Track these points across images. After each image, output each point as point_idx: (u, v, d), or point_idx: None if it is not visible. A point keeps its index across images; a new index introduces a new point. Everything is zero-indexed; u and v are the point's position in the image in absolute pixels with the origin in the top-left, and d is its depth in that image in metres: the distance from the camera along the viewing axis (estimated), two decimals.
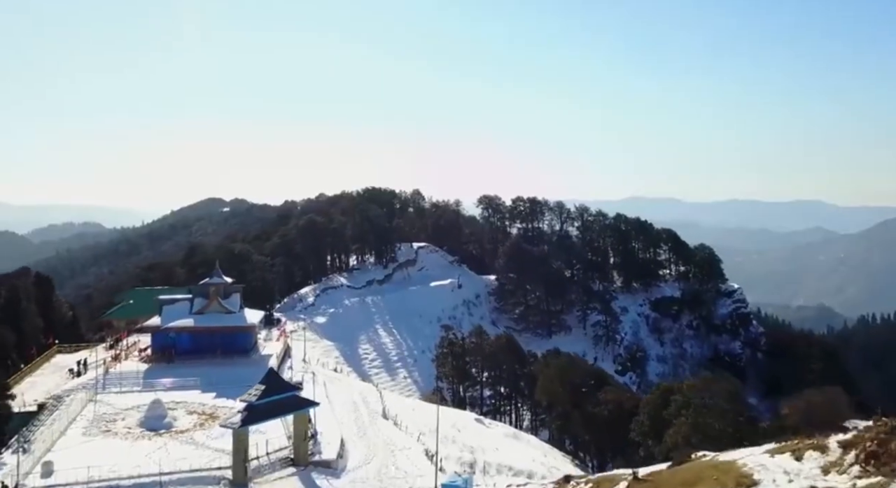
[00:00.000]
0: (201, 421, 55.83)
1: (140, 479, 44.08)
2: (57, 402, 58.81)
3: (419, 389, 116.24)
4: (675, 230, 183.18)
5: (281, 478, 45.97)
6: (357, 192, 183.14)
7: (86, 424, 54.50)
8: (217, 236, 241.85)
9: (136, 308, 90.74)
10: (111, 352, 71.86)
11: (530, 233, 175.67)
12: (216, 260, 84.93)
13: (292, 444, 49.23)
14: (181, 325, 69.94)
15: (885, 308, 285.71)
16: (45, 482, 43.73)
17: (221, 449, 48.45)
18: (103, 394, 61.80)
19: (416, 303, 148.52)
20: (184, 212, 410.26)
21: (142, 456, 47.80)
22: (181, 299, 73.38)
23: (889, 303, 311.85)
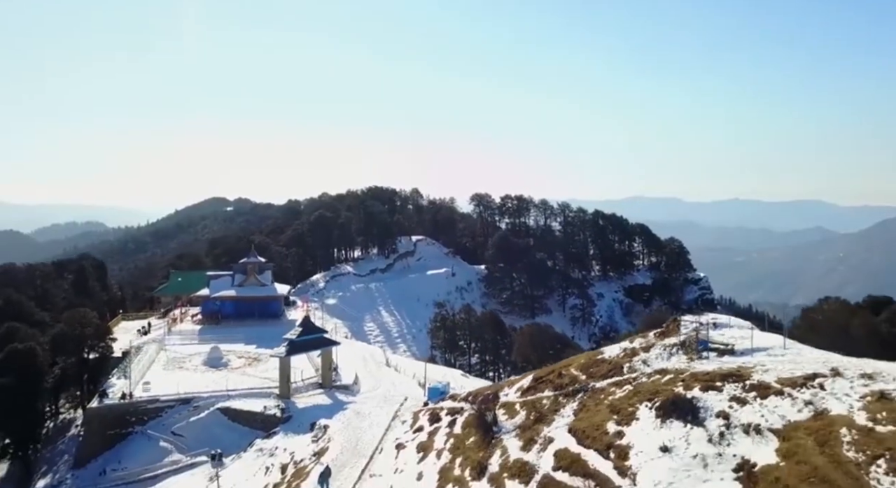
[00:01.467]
0: (248, 362, 72.75)
1: (215, 393, 61.00)
2: (136, 351, 75.59)
3: (416, 359, 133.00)
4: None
5: (313, 395, 62.81)
6: (361, 190, 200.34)
7: (163, 363, 71.39)
8: (223, 234, 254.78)
9: (180, 285, 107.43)
10: (170, 316, 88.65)
11: (517, 227, 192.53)
12: (251, 245, 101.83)
13: (320, 374, 66.06)
14: (226, 295, 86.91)
15: None
16: (147, 395, 60.58)
17: (268, 377, 65.31)
18: (169, 346, 78.63)
19: (414, 288, 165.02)
20: (188, 210, 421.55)
21: (210, 382, 64.68)
22: (224, 275, 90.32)
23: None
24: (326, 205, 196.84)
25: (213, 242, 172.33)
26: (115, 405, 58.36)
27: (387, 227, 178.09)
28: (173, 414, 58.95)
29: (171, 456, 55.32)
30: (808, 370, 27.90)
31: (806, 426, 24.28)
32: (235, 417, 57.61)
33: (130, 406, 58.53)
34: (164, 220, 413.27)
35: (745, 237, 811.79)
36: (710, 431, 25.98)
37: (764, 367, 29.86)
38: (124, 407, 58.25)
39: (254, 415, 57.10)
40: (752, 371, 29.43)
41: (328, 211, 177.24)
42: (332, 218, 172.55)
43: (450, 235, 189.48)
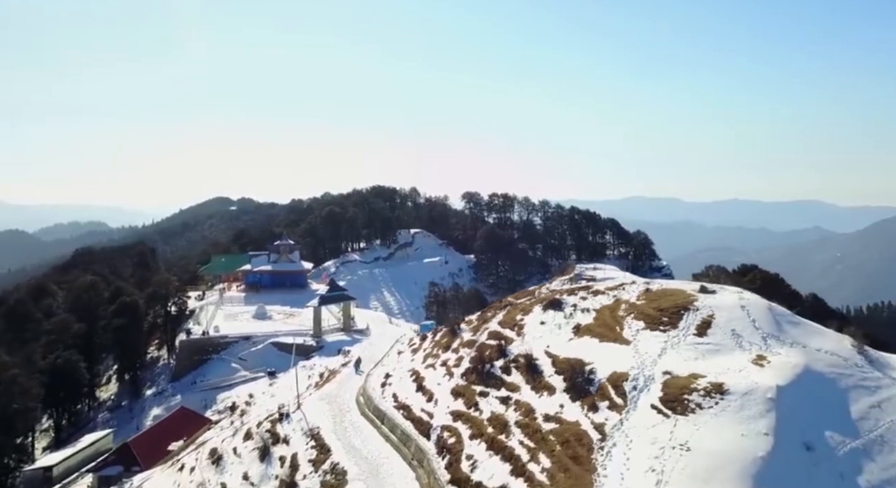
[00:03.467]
0: (286, 316, 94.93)
1: (266, 333, 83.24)
2: (199, 310, 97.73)
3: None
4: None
5: (337, 335, 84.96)
6: (365, 189, 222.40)
7: (223, 317, 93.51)
8: (229, 232, 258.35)
9: (221, 265, 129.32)
10: (221, 286, 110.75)
11: (503, 221, 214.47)
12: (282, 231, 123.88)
13: (341, 322, 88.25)
14: (264, 270, 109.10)
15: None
16: (218, 334, 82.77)
17: (302, 324, 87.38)
18: (223, 307, 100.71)
19: (412, 274, 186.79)
20: (193, 210, 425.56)
21: (261, 327, 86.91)
22: (262, 254, 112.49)
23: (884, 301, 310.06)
24: (335, 202, 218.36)
25: (237, 234, 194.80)
26: (197, 339, 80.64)
27: (388, 222, 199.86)
28: (238, 347, 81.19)
29: (239, 372, 77.54)
30: (618, 281, 50.45)
31: (609, 306, 46.69)
32: (282, 348, 79.65)
33: (208, 340, 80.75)
34: (170, 220, 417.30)
35: (744, 237, 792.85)
36: (566, 312, 48.32)
37: (603, 284, 52.21)
38: (204, 340, 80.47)
39: (296, 346, 79.24)
40: (596, 285, 51.80)
41: (337, 207, 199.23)
42: (340, 213, 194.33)
43: (443, 228, 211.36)
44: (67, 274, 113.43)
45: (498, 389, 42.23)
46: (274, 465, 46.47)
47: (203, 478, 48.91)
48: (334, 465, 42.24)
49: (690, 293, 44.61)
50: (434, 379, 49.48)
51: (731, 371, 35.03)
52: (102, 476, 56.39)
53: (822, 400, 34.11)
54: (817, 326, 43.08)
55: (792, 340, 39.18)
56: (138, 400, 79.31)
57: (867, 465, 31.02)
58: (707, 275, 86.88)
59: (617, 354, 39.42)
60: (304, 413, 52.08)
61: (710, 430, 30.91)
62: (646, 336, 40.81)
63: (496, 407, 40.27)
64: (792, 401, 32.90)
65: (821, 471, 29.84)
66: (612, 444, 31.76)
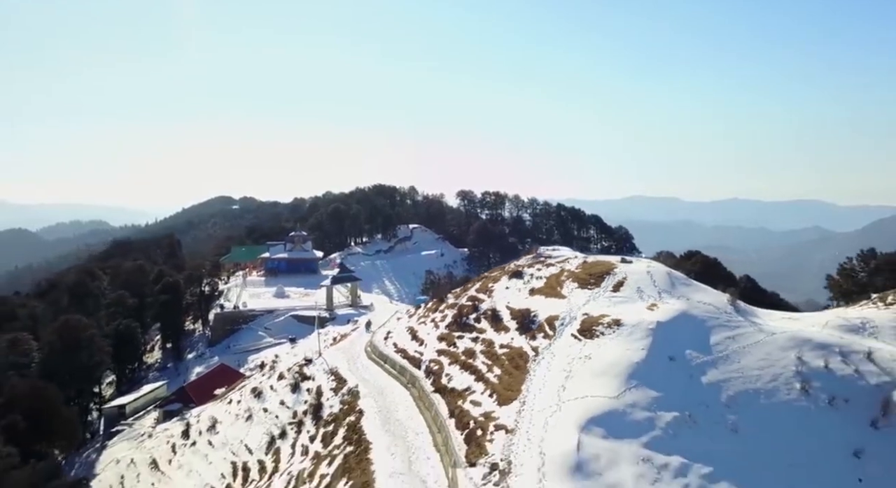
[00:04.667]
0: (301, 296, 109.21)
1: (286, 308, 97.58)
2: (227, 290, 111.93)
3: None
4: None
5: (346, 310, 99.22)
6: (367, 188, 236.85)
7: (248, 297, 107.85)
8: (234, 230, 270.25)
9: (241, 254, 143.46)
10: (244, 272, 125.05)
11: (494, 217, 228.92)
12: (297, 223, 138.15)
13: (349, 299, 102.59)
14: (281, 257, 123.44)
15: None
16: (246, 308, 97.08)
17: (317, 301, 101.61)
18: (247, 288, 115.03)
19: (410, 265, 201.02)
20: (195, 209, 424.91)
21: (282, 303, 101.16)
22: (279, 244, 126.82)
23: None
24: (340, 199, 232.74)
25: (249, 229, 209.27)
26: (229, 312, 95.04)
27: (388, 218, 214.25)
28: (263, 318, 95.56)
29: (265, 339, 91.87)
30: (566, 257, 65.02)
31: (555, 273, 61.07)
32: (301, 319, 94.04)
33: (238, 313, 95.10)
34: (174, 218, 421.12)
35: (744, 236, 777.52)
36: (524, 280, 62.71)
37: (555, 260, 66.63)
38: (235, 313, 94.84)
39: (312, 318, 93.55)
40: (549, 261, 66.25)
41: (342, 204, 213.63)
42: (345, 209, 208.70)
43: (440, 224, 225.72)
44: (107, 262, 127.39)
45: (470, 333, 56.64)
46: (303, 394, 60.79)
47: (248, 406, 63.27)
48: (350, 389, 56.57)
49: (613, 263, 59.08)
50: (425, 331, 63.86)
51: (629, 313, 49.48)
52: (166, 410, 70.65)
53: (690, 332, 48.55)
54: (704, 286, 57.56)
55: (680, 294, 53.69)
56: (181, 363, 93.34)
57: (710, 371, 45.46)
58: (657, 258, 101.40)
59: (555, 305, 53.89)
60: (324, 359, 66.46)
61: (607, 348, 45.38)
62: (577, 292, 55.25)
63: (468, 344, 54.64)
64: (666, 331, 47.36)
65: (676, 373, 44.26)
66: (542, 358, 46.22)
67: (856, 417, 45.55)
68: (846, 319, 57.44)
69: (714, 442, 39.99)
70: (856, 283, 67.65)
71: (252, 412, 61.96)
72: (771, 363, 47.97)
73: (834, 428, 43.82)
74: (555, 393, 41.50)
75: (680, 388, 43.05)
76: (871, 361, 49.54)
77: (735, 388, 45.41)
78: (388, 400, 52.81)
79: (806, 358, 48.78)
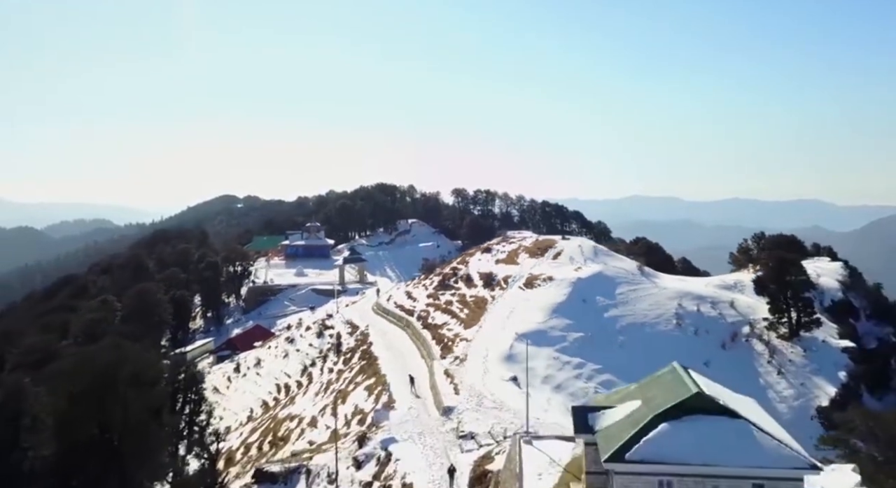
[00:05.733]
0: (317, 275, 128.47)
1: (307, 283, 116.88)
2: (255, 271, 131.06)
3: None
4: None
5: (355, 285, 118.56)
6: (371, 186, 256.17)
7: (273, 274, 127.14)
8: (240, 227, 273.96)
9: (263, 243, 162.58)
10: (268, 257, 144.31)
11: (485, 213, 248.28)
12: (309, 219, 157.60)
13: (357, 277, 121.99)
14: (299, 244, 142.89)
15: None
16: (273, 283, 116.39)
17: (331, 281, 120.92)
18: (270, 268, 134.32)
19: (409, 256, 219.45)
20: (200, 208, 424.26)
21: (302, 280, 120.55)
22: (296, 233, 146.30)
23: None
24: (346, 197, 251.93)
25: (266, 223, 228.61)
26: (260, 286, 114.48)
27: (390, 213, 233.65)
28: (287, 292, 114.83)
29: (290, 307, 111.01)
30: (525, 237, 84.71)
31: (514, 249, 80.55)
32: (318, 292, 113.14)
33: (267, 287, 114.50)
34: (179, 217, 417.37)
35: (742, 236, 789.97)
36: (493, 254, 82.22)
37: (517, 240, 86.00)
38: (264, 287, 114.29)
39: (328, 291, 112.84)
40: (512, 240, 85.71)
41: (348, 201, 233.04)
42: (351, 206, 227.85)
43: (436, 219, 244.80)
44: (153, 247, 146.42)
45: (450, 290, 76.04)
46: (326, 338, 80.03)
47: (284, 349, 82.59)
48: (361, 332, 75.84)
49: (556, 240, 78.73)
50: (417, 292, 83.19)
51: (560, 272, 68.97)
52: (219, 355, 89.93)
53: (602, 285, 68.04)
54: (621, 257, 77.23)
55: (600, 261, 73.26)
56: (222, 326, 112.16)
57: (612, 310, 64.95)
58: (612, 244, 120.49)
59: (511, 268, 73.37)
60: (341, 314, 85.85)
61: (540, 294, 64.85)
62: (527, 260, 74.80)
63: (448, 298, 74.00)
64: (583, 284, 66.88)
65: (586, 310, 63.69)
66: (496, 301, 65.67)
67: (712, 342, 65.63)
68: (724, 281, 77.67)
69: (606, 353, 59.56)
70: (748, 257, 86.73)
71: (288, 352, 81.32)
72: (658, 307, 67.87)
73: (695, 348, 63.57)
74: (501, 320, 61.04)
75: (587, 319, 62.70)
76: (732, 308, 69.70)
77: (628, 321, 65.14)
78: (390, 337, 71.95)
79: (684, 304, 68.79)
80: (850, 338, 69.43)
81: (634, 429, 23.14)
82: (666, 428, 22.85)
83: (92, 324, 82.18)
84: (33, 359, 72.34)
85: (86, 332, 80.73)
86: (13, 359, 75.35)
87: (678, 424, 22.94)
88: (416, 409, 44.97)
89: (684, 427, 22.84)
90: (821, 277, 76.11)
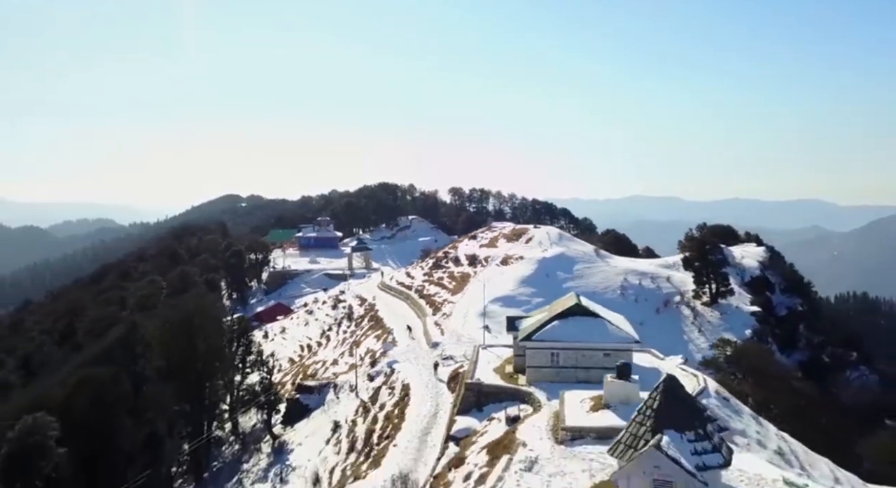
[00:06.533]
0: (328, 262, 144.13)
1: (320, 269, 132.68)
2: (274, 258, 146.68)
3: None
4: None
5: (362, 271, 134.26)
6: (374, 185, 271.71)
7: (289, 261, 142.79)
8: (247, 226, 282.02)
9: (278, 235, 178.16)
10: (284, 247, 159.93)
11: (480, 210, 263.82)
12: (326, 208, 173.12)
13: (363, 263, 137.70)
14: (311, 235, 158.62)
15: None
16: (290, 268, 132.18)
17: (341, 267, 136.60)
18: (286, 257, 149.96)
19: (409, 249, 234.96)
20: (204, 207, 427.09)
21: (315, 266, 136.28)
22: (308, 226, 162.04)
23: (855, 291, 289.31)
24: (351, 195, 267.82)
25: (278, 219, 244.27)
26: (279, 271, 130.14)
27: (391, 210, 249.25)
28: (303, 275, 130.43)
29: (306, 289, 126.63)
30: (505, 226, 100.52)
31: (495, 235, 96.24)
32: (330, 276, 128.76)
33: (286, 271, 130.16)
34: (184, 215, 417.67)
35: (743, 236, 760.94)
36: (477, 240, 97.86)
37: (498, 229, 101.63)
38: (283, 271, 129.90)
39: (339, 276, 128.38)
40: (494, 229, 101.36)
41: (353, 198, 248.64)
42: (355, 203, 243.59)
43: (434, 215, 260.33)
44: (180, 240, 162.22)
45: (442, 269, 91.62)
46: (340, 309, 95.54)
47: (305, 318, 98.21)
48: (370, 303, 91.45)
49: (529, 228, 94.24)
50: (415, 272, 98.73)
51: (529, 253, 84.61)
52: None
53: (563, 263, 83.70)
54: (582, 241, 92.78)
55: (564, 245, 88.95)
56: (247, 305, 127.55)
57: (569, 282, 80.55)
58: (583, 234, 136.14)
59: (491, 251, 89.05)
60: (352, 291, 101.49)
61: (513, 269, 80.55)
62: (504, 244, 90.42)
63: (440, 275, 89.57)
64: (548, 262, 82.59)
65: (549, 282, 79.31)
66: (477, 275, 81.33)
67: (649, 307, 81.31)
68: (665, 261, 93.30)
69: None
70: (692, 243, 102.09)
71: (308, 321, 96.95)
72: (607, 280, 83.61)
73: (634, 311, 78.95)
74: (480, 289, 76.53)
75: (548, 289, 78.15)
76: (668, 281, 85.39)
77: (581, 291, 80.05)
78: (393, 306, 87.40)
79: (629, 278, 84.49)
80: (765, 308, 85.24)
81: (539, 325, 38.87)
82: (556, 324, 38.53)
83: (143, 298, 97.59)
84: (100, 325, 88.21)
85: (140, 305, 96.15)
86: (84, 326, 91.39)
87: (564, 321, 38.61)
88: (412, 346, 60.61)
89: (568, 322, 38.50)
90: (744, 258, 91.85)
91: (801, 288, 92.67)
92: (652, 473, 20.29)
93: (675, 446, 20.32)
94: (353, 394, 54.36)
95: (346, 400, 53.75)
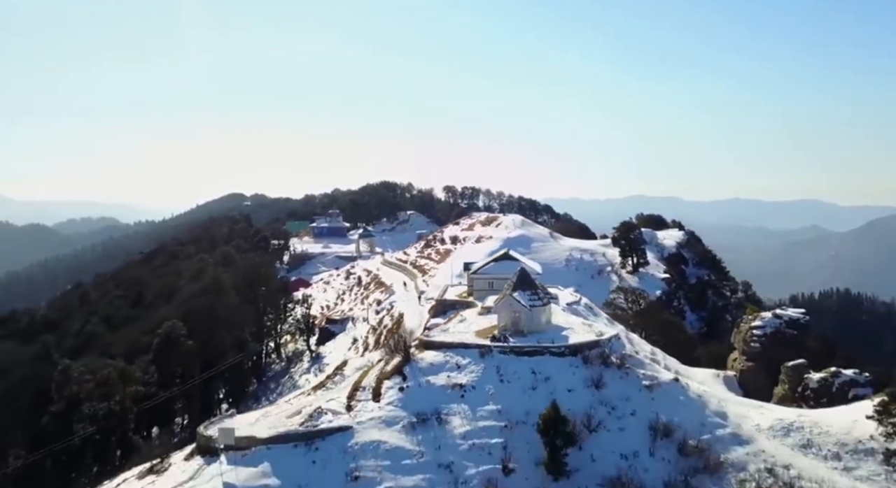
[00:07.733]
0: (339, 247, 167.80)
1: (333, 252, 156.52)
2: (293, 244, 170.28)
3: None
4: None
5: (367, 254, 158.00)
6: (376, 184, 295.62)
7: (305, 247, 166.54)
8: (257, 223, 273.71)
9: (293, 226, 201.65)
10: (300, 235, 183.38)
11: (472, 206, 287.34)
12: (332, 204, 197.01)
13: (369, 249, 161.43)
14: (323, 226, 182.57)
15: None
16: (307, 251, 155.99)
17: (350, 250, 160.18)
18: (304, 243, 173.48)
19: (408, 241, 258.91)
20: (209, 206, 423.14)
21: (327, 250, 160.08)
22: (321, 217, 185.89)
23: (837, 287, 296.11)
24: (355, 193, 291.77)
25: (290, 212, 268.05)
26: (299, 253, 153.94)
27: (392, 206, 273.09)
28: (319, 257, 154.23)
29: (321, 268, 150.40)
30: (482, 215, 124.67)
31: (473, 222, 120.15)
32: (342, 258, 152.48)
33: (304, 254, 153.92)
34: (189, 214, 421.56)
35: (742, 235, 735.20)
36: (459, 225, 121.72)
37: (476, 217, 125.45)
38: (302, 254, 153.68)
39: (349, 258, 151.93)
40: (473, 217, 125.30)
41: (357, 196, 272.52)
42: (359, 201, 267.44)
43: (430, 211, 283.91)
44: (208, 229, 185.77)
45: (431, 248, 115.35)
46: (351, 279, 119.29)
47: (324, 286, 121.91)
48: (375, 274, 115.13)
49: (499, 216, 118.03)
50: (411, 251, 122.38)
51: (497, 234, 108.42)
52: None
53: (523, 242, 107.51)
54: (539, 226, 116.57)
55: (525, 229, 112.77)
56: None
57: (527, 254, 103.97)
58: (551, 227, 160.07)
59: (469, 233, 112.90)
60: (361, 265, 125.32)
61: (484, 245, 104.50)
62: (480, 228, 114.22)
63: (429, 251, 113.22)
64: (510, 240, 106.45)
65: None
66: (457, 250, 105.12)
67: (586, 275, 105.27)
68: (604, 242, 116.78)
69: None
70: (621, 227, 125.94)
71: (326, 288, 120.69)
72: (556, 255, 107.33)
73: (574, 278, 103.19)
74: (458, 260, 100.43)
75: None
76: (603, 256, 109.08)
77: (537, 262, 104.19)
78: (393, 276, 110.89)
79: (573, 254, 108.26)
80: (679, 277, 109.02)
81: (481, 265, 62.73)
82: (492, 264, 62.34)
83: (197, 271, 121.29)
84: (165, 292, 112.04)
85: (194, 276, 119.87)
86: (152, 291, 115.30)
87: (498, 263, 62.44)
88: (406, 294, 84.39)
89: (499, 263, 62.31)
90: (666, 240, 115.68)
91: (714, 263, 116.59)
92: (510, 308, 44.20)
93: (520, 296, 44.21)
94: (365, 322, 78.09)
95: (360, 326, 77.55)
